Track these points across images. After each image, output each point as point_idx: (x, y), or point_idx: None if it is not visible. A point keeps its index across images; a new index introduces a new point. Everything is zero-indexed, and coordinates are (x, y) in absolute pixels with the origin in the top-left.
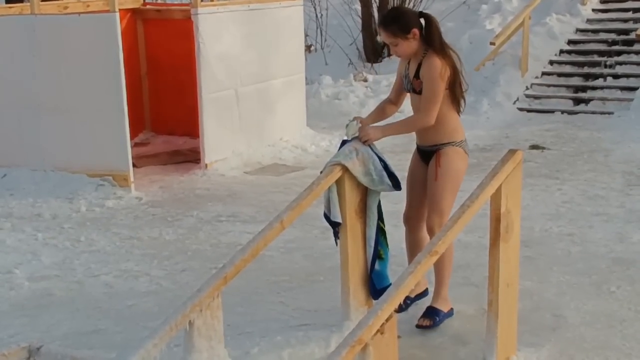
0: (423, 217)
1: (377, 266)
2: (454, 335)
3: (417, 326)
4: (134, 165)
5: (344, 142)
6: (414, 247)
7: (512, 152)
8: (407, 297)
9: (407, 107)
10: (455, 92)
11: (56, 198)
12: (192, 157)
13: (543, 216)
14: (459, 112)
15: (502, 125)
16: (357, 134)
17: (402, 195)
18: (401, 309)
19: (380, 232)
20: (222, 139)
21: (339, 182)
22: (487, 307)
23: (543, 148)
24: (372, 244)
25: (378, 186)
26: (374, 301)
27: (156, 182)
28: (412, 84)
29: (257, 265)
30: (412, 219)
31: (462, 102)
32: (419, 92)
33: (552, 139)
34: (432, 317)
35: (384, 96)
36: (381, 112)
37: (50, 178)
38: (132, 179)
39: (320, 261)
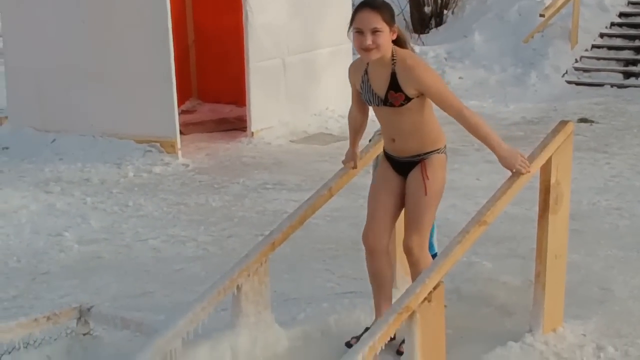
0: (386, 234)
1: None
2: (500, 306)
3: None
4: (180, 133)
5: None
6: (378, 276)
7: (563, 123)
8: None
9: None
10: None
11: (104, 163)
12: (238, 125)
13: (591, 190)
14: None
15: (550, 99)
16: None
17: (450, 166)
18: None
19: None
20: (268, 108)
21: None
22: (533, 279)
23: (592, 122)
24: None
25: None
26: None
27: (202, 150)
28: (389, 99)
29: (304, 233)
30: (373, 238)
31: None
32: (399, 105)
33: (600, 113)
34: None
35: (432, 67)
36: (359, 130)
37: (99, 144)
38: (179, 145)
39: None
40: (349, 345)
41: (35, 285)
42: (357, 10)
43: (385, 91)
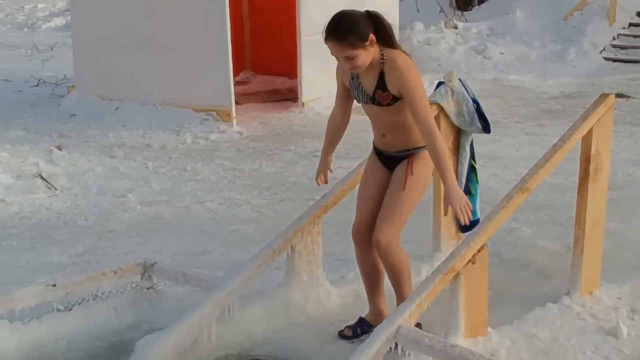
0: (373, 229)
1: None
2: (538, 270)
3: (341, 334)
4: (235, 102)
5: (440, 84)
6: (369, 271)
7: (604, 96)
8: (367, 324)
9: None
10: None
11: (164, 130)
12: (289, 96)
13: (627, 161)
14: None
15: (587, 74)
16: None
17: (492, 137)
18: (356, 335)
19: (472, 169)
20: (318, 80)
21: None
22: (572, 244)
23: (628, 97)
24: (463, 180)
25: (468, 127)
26: (462, 235)
27: (256, 118)
28: (376, 97)
29: (353, 198)
30: (363, 233)
31: None
32: (387, 105)
33: (636, 88)
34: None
35: (474, 43)
36: (337, 134)
37: (159, 112)
38: (234, 114)
39: None
40: (341, 334)
41: (102, 243)
42: (325, 38)
43: (373, 90)
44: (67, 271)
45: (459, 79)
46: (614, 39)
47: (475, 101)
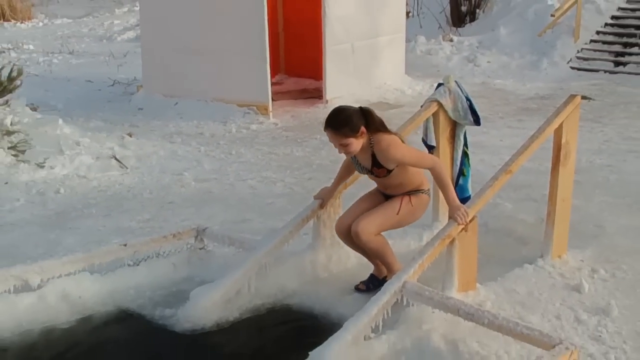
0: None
1: (460, 181)
2: (517, 238)
3: (356, 288)
4: (272, 99)
5: (439, 85)
6: (360, 251)
7: (572, 96)
8: (376, 279)
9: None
10: None
11: (214, 121)
12: (315, 94)
13: (588, 151)
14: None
15: (557, 80)
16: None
17: (480, 129)
18: (369, 289)
19: (465, 155)
20: (339, 81)
21: (435, 115)
22: (545, 217)
23: (590, 98)
24: (458, 163)
25: (463, 120)
26: None
27: (288, 112)
28: (373, 172)
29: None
30: (344, 230)
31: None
32: (384, 176)
33: (596, 92)
34: (372, 287)
35: (467, 54)
36: (347, 175)
37: (210, 106)
38: (270, 109)
39: None
40: (357, 288)
41: (163, 212)
42: (324, 127)
43: (370, 166)
44: (136, 234)
45: (455, 81)
46: (578, 52)
47: (468, 99)
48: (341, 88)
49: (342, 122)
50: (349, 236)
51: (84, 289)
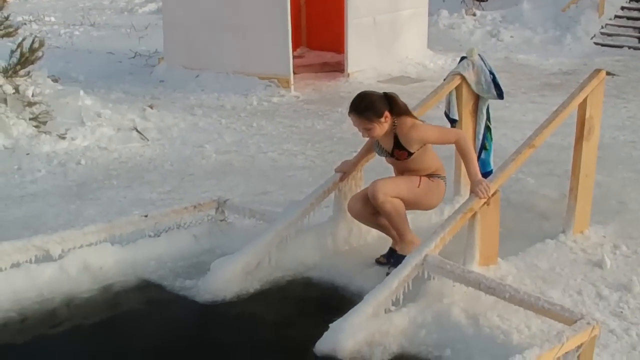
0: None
1: (482, 155)
2: (539, 213)
3: (377, 261)
4: (293, 72)
5: (462, 58)
6: (376, 226)
7: (597, 71)
8: (396, 252)
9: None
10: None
11: (235, 94)
12: (337, 68)
13: (611, 127)
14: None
15: (581, 56)
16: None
17: (503, 104)
18: (389, 262)
19: (487, 129)
20: (361, 55)
21: (458, 88)
22: (567, 192)
23: (613, 74)
24: (480, 137)
25: (486, 94)
26: None
27: (310, 85)
28: (395, 155)
29: None
30: (351, 209)
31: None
32: (405, 159)
33: (620, 68)
34: (393, 260)
35: (489, 28)
36: (369, 153)
37: (231, 79)
38: (292, 82)
39: (436, 151)
40: (377, 261)
41: (184, 183)
42: (348, 112)
43: (391, 149)
44: (157, 205)
45: (479, 54)
46: (602, 27)
47: (491, 72)
48: (363, 62)
49: (366, 106)
50: (362, 212)
51: (104, 259)
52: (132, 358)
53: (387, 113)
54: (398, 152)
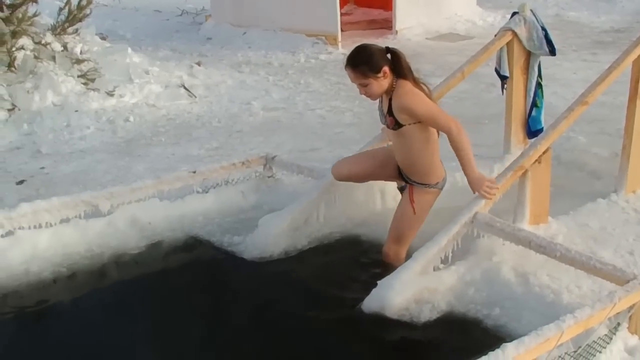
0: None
1: (533, 112)
2: (591, 171)
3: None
4: (341, 30)
5: (514, 14)
6: (368, 179)
7: None
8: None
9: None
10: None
11: (282, 51)
12: (385, 25)
13: None
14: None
15: (633, 13)
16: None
17: (553, 61)
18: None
19: (539, 86)
20: (409, 11)
21: (509, 44)
22: (619, 151)
23: None
24: (531, 94)
25: (537, 50)
26: (528, 140)
27: (357, 43)
28: (387, 121)
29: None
30: (335, 170)
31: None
32: (393, 129)
33: None
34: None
35: None
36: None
37: (278, 36)
38: (339, 39)
39: (485, 108)
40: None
41: (232, 140)
42: (344, 66)
43: (386, 114)
44: (205, 162)
45: (530, 10)
46: None
47: (543, 28)
48: (411, 19)
49: (362, 60)
50: (349, 177)
51: (153, 215)
52: (179, 313)
53: (386, 69)
54: (388, 118)
